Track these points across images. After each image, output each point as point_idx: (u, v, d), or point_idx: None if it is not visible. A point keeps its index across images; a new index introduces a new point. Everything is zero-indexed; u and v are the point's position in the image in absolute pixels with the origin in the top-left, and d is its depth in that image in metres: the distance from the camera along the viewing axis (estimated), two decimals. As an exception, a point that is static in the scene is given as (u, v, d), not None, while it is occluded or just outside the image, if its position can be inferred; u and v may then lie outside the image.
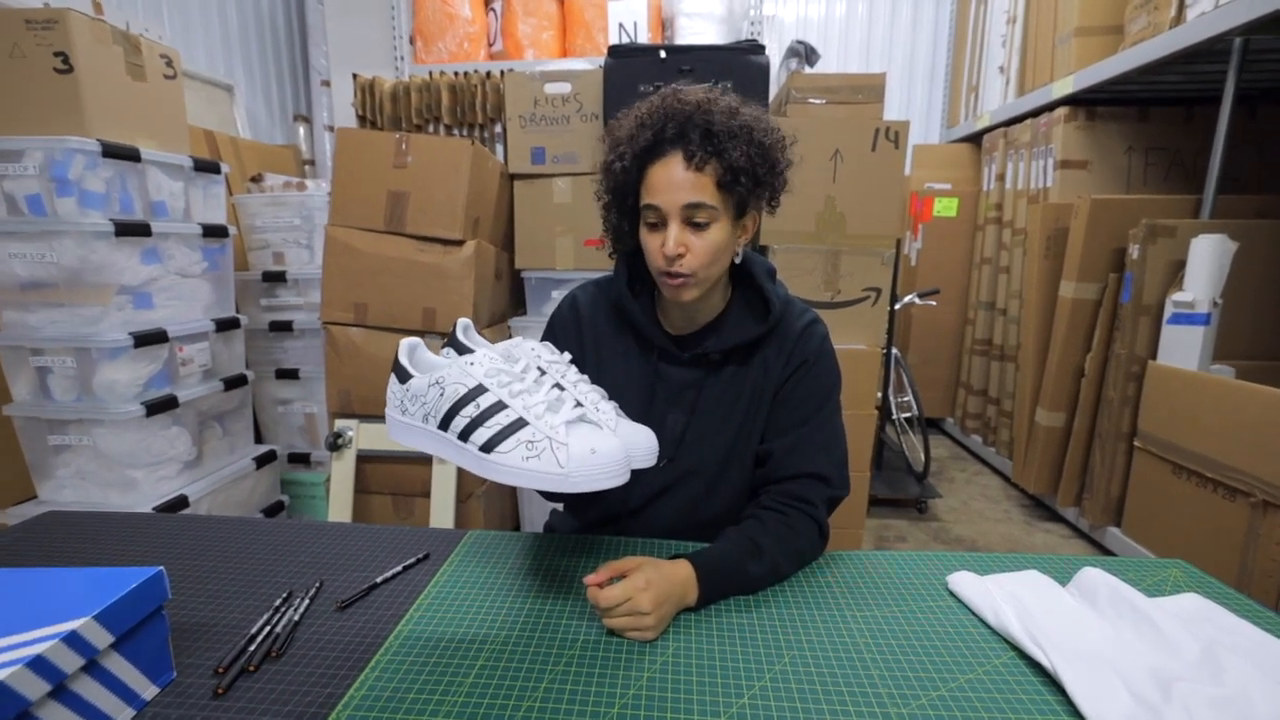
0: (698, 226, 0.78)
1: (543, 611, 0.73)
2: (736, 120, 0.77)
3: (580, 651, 0.66)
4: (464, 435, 0.65)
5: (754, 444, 0.88)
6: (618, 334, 0.92)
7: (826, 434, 0.86)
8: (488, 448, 0.64)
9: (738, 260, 0.86)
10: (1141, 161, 2.56)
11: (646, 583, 0.68)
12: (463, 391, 0.66)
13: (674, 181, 0.77)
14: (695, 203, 0.77)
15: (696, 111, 0.77)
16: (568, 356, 0.76)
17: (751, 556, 0.77)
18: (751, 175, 0.78)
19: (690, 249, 0.78)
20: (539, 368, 0.71)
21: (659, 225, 0.80)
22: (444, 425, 0.66)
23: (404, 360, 0.71)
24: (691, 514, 0.90)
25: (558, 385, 0.71)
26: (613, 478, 0.63)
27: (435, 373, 0.67)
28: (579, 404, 0.70)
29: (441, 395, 0.66)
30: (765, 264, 0.90)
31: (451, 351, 0.74)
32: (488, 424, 0.64)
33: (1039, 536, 2.45)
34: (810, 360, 0.87)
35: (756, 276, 0.88)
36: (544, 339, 0.96)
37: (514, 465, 0.63)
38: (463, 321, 0.76)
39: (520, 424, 0.64)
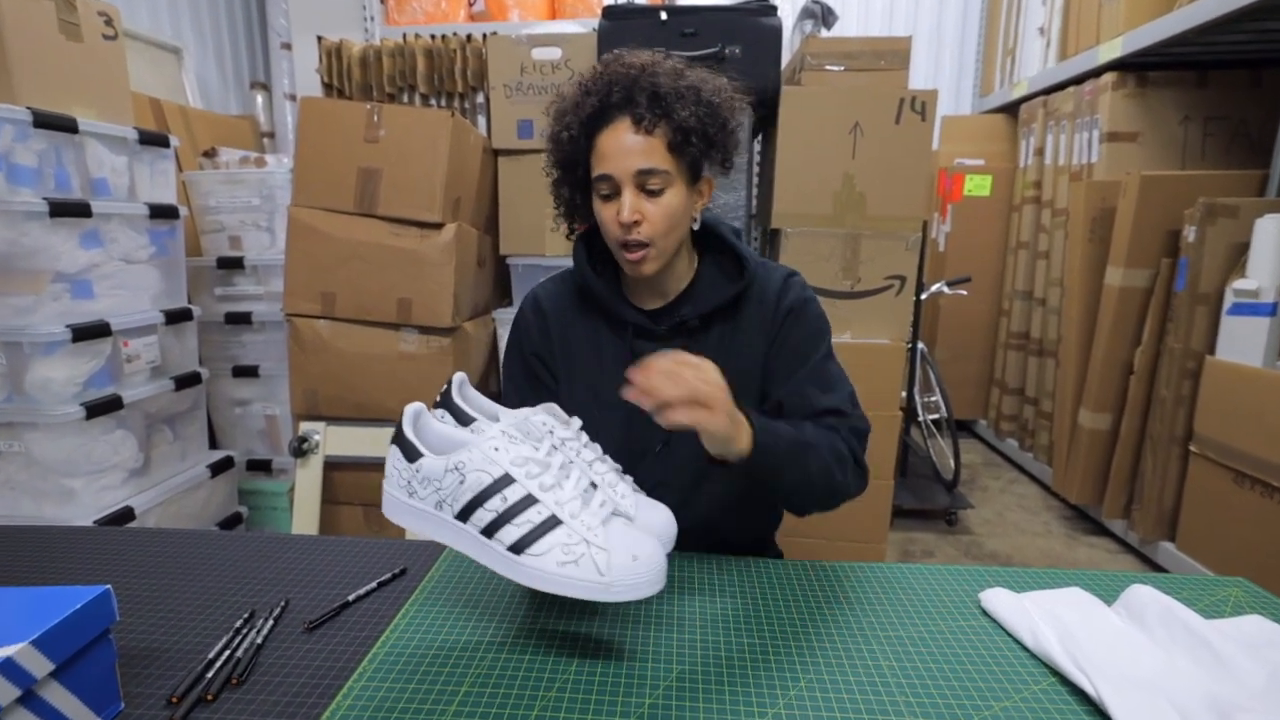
0: (652, 193, 0.83)
1: (534, 632, 0.73)
2: (683, 81, 0.83)
3: (575, 677, 0.67)
4: (489, 531, 0.65)
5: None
6: (587, 321, 0.95)
7: (830, 374, 0.91)
8: (518, 548, 0.64)
9: (696, 226, 0.92)
10: (1199, 132, 2.57)
11: (695, 358, 0.71)
12: (487, 481, 0.65)
13: (624, 147, 0.82)
14: (648, 168, 0.82)
15: (642, 74, 0.83)
16: (577, 424, 0.77)
17: (800, 432, 0.81)
18: (703, 135, 0.83)
19: (646, 216, 0.83)
20: (552, 444, 0.71)
21: (613, 195, 0.84)
22: (463, 516, 0.66)
23: (410, 434, 0.69)
24: (695, 504, 0.91)
25: (573, 463, 0.72)
26: (654, 586, 0.64)
27: (453, 456, 0.66)
28: (602, 494, 0.71)
29: (461, 483, 0.65)
30: (728, 224, 0.96)
31: (447, 415, 0.73)
32: (516, 521, 0.65)
33: (1082, 551, 2.46)
34: (797, 308, 0.92)
35: (724, 237, 0.94)
36: (508, 348, 1.01)
37: (549, 571, 0.63)
38: (458, 377, 0.75)
39: (554, 523, 0.65)
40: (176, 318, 1.86)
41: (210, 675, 0.66)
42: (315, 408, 1.82)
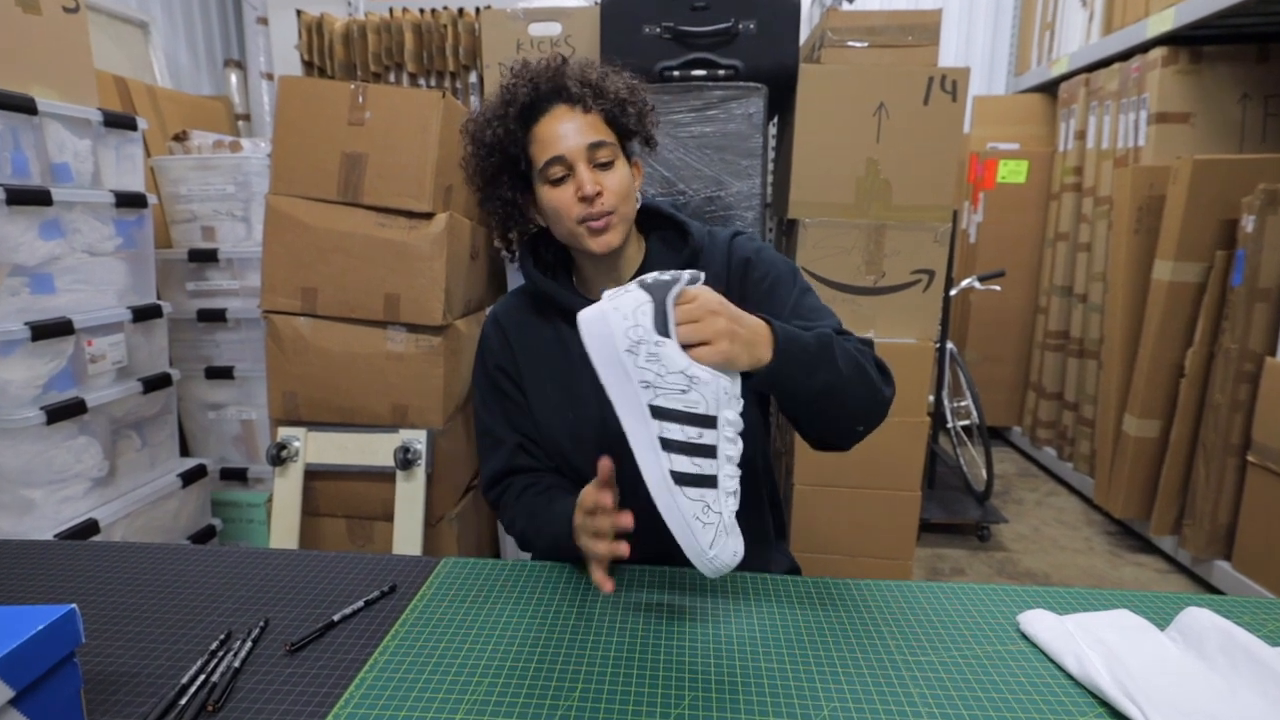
0: (604, 166, 0.94)
1: (533, 653, 0.74)
2: (595, 69, 0.97)
3: (579, 701, 0.66)
4: (666, 446, 0.70)
5: None
6: (547, 325, 1.03)
7: (813, 307, 0.97)
8: (679, 479, 0.70)
9: (638, 204, 1.02)
10: (1259, 112, 2.55)
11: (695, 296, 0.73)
12: (700, 410, 0.70)
13: (569, 128, 0.93)
14: (597, 141, 0.93)
15: (562, 65, 0.96)
16: (741, 425, 0.79)
17: (820, 336, 0.82)
18: (634, 104, 0.97)
19: (605, 187, 0.93)
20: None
21: (565, 178, 0.94)
22: (656, 415, 0.70)
23: (670, 307, 0.70)
24: None
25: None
26: (723, 572, 0.72)
27: (694, 366, 0.70)
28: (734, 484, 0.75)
29: (683, 392, 0.70)
30: (665, 200, 1.05)
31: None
32: (695, 459, 0.70)
33: (1128, 570, 2.45)
34: (751, 258, 1.01)
35: (665, 213, 1.04)
36: (475, 367, 1.08)
37: (685, 514, 0.70)
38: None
39: (712, 482, 0.71)
40: (145, 315, 1.87)
41: (184, 702, 0.66)
42: (295, 412, 1.82)
